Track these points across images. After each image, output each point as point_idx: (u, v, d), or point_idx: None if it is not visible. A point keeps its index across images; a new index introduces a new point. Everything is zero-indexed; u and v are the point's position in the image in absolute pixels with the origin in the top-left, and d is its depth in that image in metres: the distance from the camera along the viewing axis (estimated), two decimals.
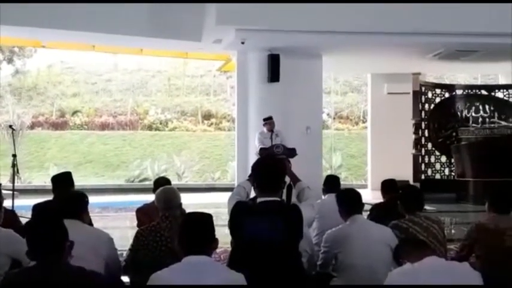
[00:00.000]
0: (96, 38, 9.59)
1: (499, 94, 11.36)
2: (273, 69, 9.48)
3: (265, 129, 8.98)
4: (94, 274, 2.44)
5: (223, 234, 3.15)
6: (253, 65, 9.78)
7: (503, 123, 10.95)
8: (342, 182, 5.51)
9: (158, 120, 18.65)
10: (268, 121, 8.91)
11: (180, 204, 3.53)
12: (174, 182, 13.96)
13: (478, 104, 11.11)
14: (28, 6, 8.07)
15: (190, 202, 9.01)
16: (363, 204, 3.88)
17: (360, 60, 11.17)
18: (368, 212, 4.93)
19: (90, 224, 3.96)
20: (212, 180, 15.54)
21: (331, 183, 5.14)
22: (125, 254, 3.88)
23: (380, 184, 5.24)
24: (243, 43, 8.91)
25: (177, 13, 8.84)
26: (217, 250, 5.00)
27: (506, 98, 11.30)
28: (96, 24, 8.66)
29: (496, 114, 11.05)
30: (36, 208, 4.40)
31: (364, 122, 17.70)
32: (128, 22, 8.76)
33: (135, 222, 4.76)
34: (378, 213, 4.70)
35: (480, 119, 10.95)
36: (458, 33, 8.93)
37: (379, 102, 12.61)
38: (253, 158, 8.19)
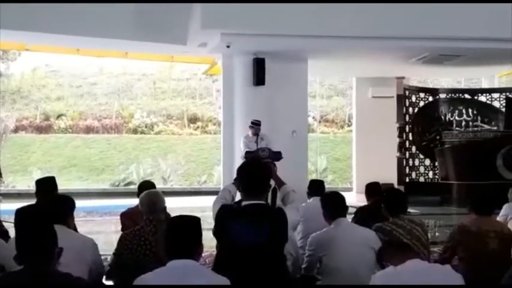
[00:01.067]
0: (80, 41, 9.53)
1: (482, 98, 11.49)
2: (259, 73, 9.50)
3: (250, 133, 8.98)
4: (80, 280, 2.42)
5: (208, 238, 3.15)
6: (239, 68, 9.80)
7: (486, 126, 11.09)
8: (327, 185, 5.55)
9: (144, 123, 18.56)
10: (255, 126, 8.89)
11: (165, 207, 3.52)
12: (160, 185, 13.97)
13: (461, 107, 11.23)
14: (12, 9, 7.99)
15: (176, 206, 8.97)
16: (347, 208, 3.90)
17: (345, 64, 11.24)
18: (353, 215, 4.96)
19: (75, 229, 3.94)
20: (198, 184, 15.50)
21: (316, 186, 5.17)
22: (109, 258, 3.86)
23: (364, 187, 5.28)
24: (228, 47, 8.92)
25: (162, 16, 8.82)
26: (203, 254, 5.01)
27: (489, 102, 11.44)
28: (81, 28, 8.60)
29: (479, 118, 11.19)
30: (18, 212, 4.35)
31: (349, 126, 17.78)
32: (113, 25, 8.71)
33: (120, 227, 4.74)
34: (362, 216, 4.73)
35: (463, 123, 11.08)
36: (442, 37, 9.03)
37: (364, 106, 12.69)
38: (239, 161, 8.19)
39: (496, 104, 11.39)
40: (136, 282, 2.47)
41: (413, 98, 11.08)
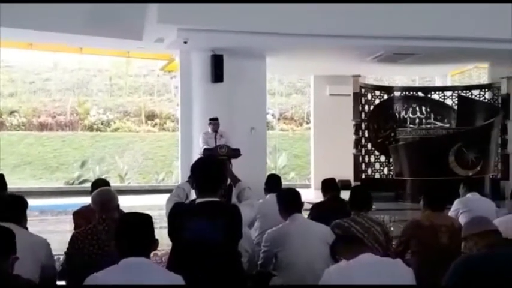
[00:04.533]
0: (32, 35, 9.26)
1: (435, 96, 11.75)
2: (217, 70, 9.47)
3: (209, 130, 8.99)
4: (30, 282, 2.43)
5: (166, 236, 3.10)
6: (197, 65, 9.74)
7: (439, 124, 11.36)
8: (287, 182, 5.57)
9: (100, 120, 18.20)
10: (213, 122, 8.95)
11: (118, 205, 3.46)
12: (117, 183, 13.75)
13: (415, 105, 11.44)
14: None
15: (133, 204, 8.85)
16: (302, 203, 3.93)
17: (302, 62, 11.33)
18: (308, 211, 4.99)
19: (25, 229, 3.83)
20: (156, 181, 15.32)
21: (273, 182, 5.16)
22: (61, 258, 3.77)
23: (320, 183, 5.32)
24: (185, 43, 8.85)
25: (117, 10, 8.64)
26: (159, 252, 4.95)
27: (442, 100, 11.72)
28: (32, 21, 8.35)
29: (432, 116, 11.43)
30: None
31: (307, 123, 17.94)
32: (66, 19, 8.49)
33: (73, 226, 4.63)
34: (318, 212, 4.77)
35: (417, 120, 11.29)
36: (397, 36, 9.22)
37: (322, 104, 12.85)
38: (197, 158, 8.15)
39: (449, 101, 11.67)
40: (88, 281, 2.41)
41: (369, 96, 11.23)
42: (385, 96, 11.45)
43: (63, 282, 3.63)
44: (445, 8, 8.86)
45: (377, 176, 11.32)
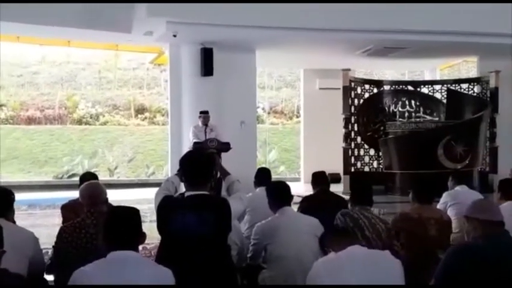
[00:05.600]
0: (19, 28, 9.14)
1: (425, 89, 11.79)
2: (207, 63, 9.43)
3: (200, 123, 8.98)
4: (18, 277, 2.38)
5: (155, 230, 3.09)
6: (186, 58, 9.69)
7: (428, 117, 11.41)
8: (277, 176, 5.55)
9: (88, 114, 18.08)
10: (203, 115, 8.93)
11: (106, 199, 3.44)
12: (106, 177, 13.68)
13: (404, 99, 11.48)
14: None
15: (122, 198, 8.82)
16: (291, 196, 3.93)
17: (292, 55, 11.31)
18: (298, 204, 4.99)
19: (13, 223, 3.80)
20: (145, 175, 15.28)
21: (263, 176, 5.15)
22: (50, 252, 3.75)
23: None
24: (175, 36, 8.80)
25: (106, 3, 8.56)
26: (148, 246, 4.95)
27: (431, 94, 11.77)
28: (19, 14, 8.24)
29: (421, 109, 11.47)
30: None
31: (298, 117, 17.94)
32: (54, 12, 8.39)
33: (61, 220, 4.60)
34: (308, 205, 4.77)
35: (406, 114, 11.33)
36: (387, 30, 9.24)
37: (312, 97, 12.85)
38: None
39: (438, 95, 11.71)
40: (75, 275, 2.39)
41: (359, 90, 11.23)
42: (375, 90, 11.47)
43: (51, 276, 3.61)
44: (434, 2, 8.88)
45: (366, 169, 11.35)
